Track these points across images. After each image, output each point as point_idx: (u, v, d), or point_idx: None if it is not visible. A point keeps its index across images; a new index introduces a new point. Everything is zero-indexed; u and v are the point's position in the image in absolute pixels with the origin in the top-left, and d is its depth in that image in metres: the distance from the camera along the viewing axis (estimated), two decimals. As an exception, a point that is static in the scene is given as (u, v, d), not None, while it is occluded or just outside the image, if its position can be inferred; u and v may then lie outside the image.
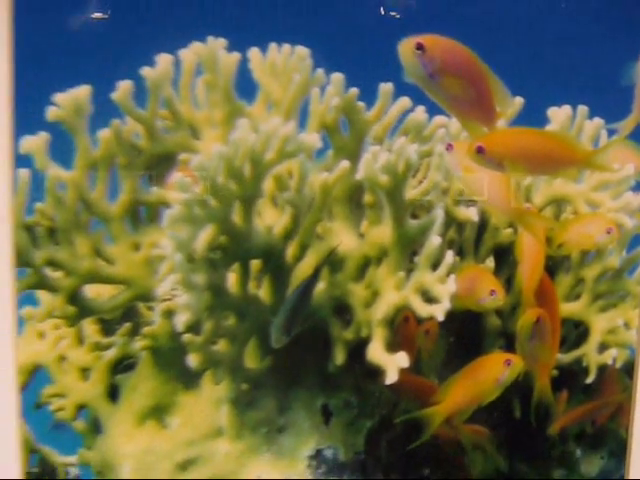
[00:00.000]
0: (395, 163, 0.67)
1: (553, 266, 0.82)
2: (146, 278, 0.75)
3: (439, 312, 0.66)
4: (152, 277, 0.74)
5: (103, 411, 0.79)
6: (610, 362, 0.79)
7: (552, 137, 0.68)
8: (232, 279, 0.70)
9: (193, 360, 0.70)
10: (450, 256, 0.68)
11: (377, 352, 0.69)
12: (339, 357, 0.73)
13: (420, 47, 0.58)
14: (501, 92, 0.61)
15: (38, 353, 0.82)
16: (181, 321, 0.67)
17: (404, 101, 0.77)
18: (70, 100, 0.71)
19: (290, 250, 0.72)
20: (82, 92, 0.72)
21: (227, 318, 0.71)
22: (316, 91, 0.75)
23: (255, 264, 0.72)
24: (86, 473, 0.82)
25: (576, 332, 0.85)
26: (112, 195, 0.75)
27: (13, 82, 0.56)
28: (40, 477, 0.82)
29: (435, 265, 0.69)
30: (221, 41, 0.76)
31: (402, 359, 0.67)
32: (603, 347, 0.80)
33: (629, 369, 0.79)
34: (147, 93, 0.74)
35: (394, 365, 0.66)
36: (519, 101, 0.81)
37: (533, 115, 0.83)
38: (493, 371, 0.71)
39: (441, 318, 0.66)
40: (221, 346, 0.72)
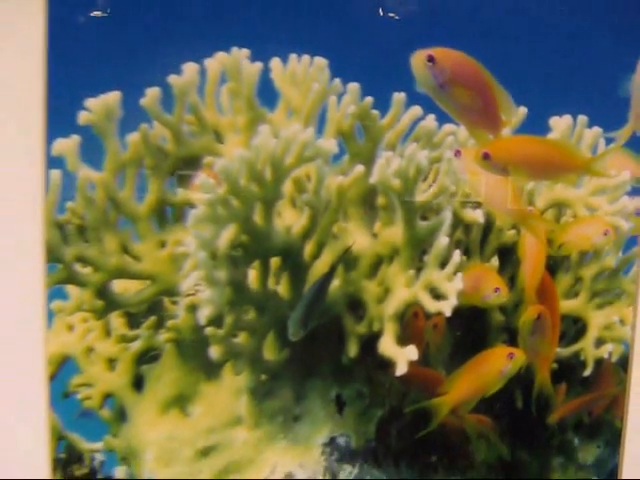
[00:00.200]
0: (407, 168, 0.69)
1: (553, 265, 0.84)
2: (171, 274, 0.75)
3: (446, 308, 0.68)
4: (177, 273, 0.75)
5: (128, 400, 0.80)
6: (606, 356, 0.81)
7: (553, 145, 0.71)
8: (252, 276, 0.72)
9: (215, 352, 0.72)
10: (457, 255, 0.70)
11: (388, 345, 0.70)
12: (352, 350, 0.74)
13: (431, 59, 0.60)
14: (506, 102, 0.63)
15: (67, 345, 0.82)
16: (204, 315, 0.68)
17: (415, 110, 0.78)
18: (100, 105, 0.72)
19: (308, 249, 0.73)
20: (112, 97, 0.73)
21: (247, 312, 0.73)
22: (333, 99, 0.76)
23: (274, 262, 0.74)
24: (111, 459, 0.83)
25: (575, 328, 0.86)
26: (140, 195, 0.76)
27: (47, 88, 0.58)
28: (67, 463, 0.83)
29: (443, 264, 0.71)
30: (244, 51, 0.77)
31: (411, 352, 0.68)
32: (600, 342, 0.81)
33: (624, 363, 0.79)
34: (174, 99, 0.75)
35: (404, 358, 0.68)
36: (523, 111, 0.81)
37: (536, 124, 0.84)
38: (497, 364, 0.73)
39: (448, 314, 0.68)
40: (241, 339, 0.74)
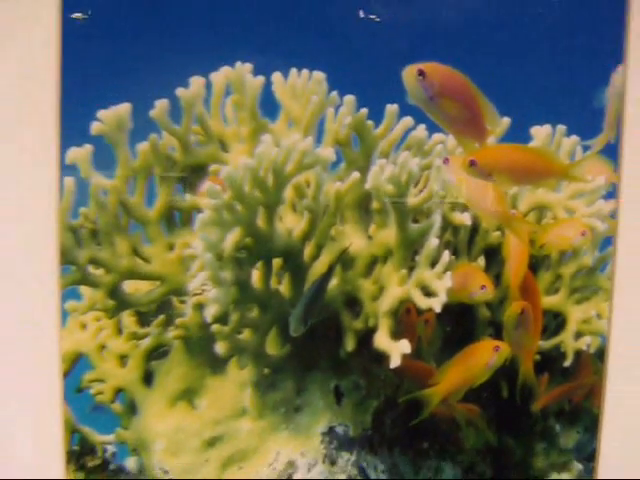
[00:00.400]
0: (399, 175, 0.72)
1: (535, 264, 0.86)
2: (179, 275, 0.78)
3: (437, 304, 0.70)
4: (184, 274, 0.77)
5: (138, 394, 0.82)
6: (585, 348, 0.83)
7: (535, 152, 0.73)
8: (256, 276, 0.75)
9: (220, 348, 0.74)
10: (446, 255, 0.72)
11: (383, 340, 0.73)
12: (349, 344, 0.77)
13: (421, 73, 0.62)
14: (491, 113, 0.65)
15: (80, 342, 0.84)
16: (210, 313, 0.70)
17: (407, 120, 0.81)
18: (112, 116, 0.74)
19: (307, 250, 0.76)
20: (123, 109, 0.75)
21: (251, 310, 0.75)
22: (331, 111, 0.79)
23: (276, 262, 0.76)
24: (122, 450, 0.85)
25: (555, 322, 0.89)
26: (149, 201, 0.78)
27: (61, 99, 0.60)
28: (80, 454, 0.85)
29: (433, 263, 0.73)
30: (248, 66, 0.80)
31: (404, 346, 0.70)
32: (579, 335, 0.84)
33: (601, 354, 0.79)
34: (182, 111, 0.77)
35: (397, 351, 0.70)
36: (506, 121, 0.84)
37: (518, 133, 0.87)
38: (483, 356, 0.74)
39: (439, 310, 0.70)
40: (245, 335, 0.76)
